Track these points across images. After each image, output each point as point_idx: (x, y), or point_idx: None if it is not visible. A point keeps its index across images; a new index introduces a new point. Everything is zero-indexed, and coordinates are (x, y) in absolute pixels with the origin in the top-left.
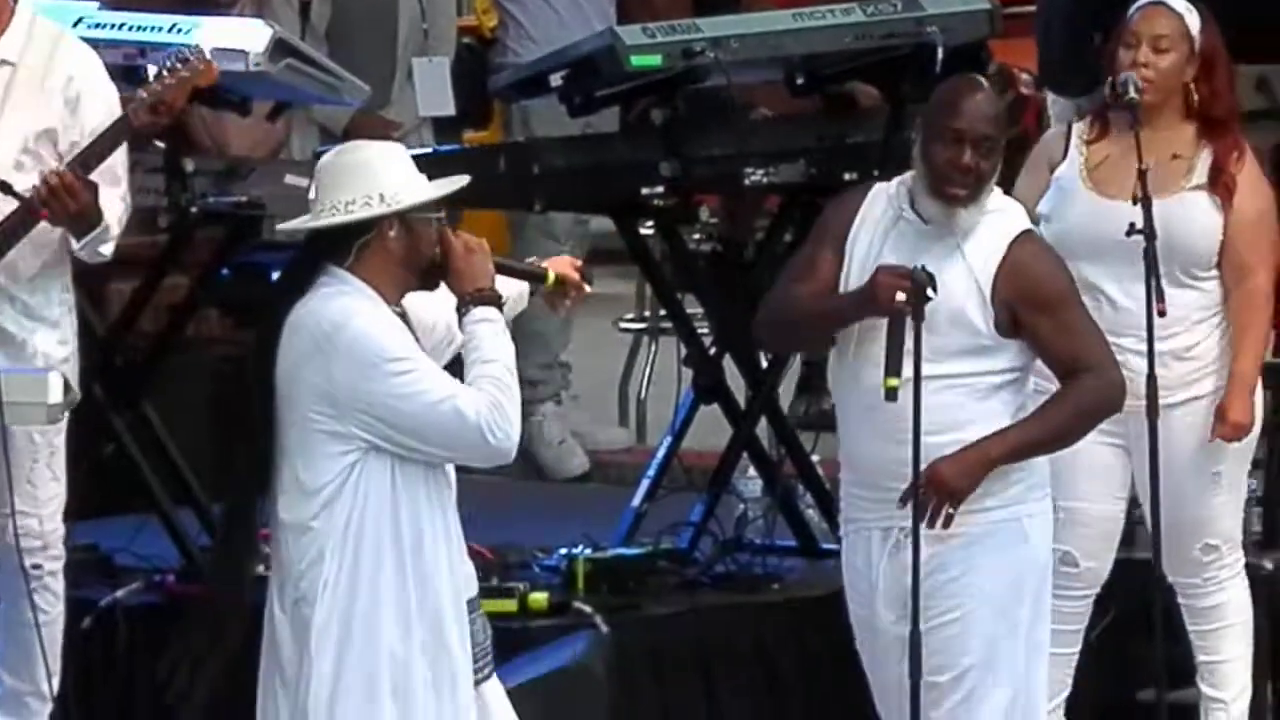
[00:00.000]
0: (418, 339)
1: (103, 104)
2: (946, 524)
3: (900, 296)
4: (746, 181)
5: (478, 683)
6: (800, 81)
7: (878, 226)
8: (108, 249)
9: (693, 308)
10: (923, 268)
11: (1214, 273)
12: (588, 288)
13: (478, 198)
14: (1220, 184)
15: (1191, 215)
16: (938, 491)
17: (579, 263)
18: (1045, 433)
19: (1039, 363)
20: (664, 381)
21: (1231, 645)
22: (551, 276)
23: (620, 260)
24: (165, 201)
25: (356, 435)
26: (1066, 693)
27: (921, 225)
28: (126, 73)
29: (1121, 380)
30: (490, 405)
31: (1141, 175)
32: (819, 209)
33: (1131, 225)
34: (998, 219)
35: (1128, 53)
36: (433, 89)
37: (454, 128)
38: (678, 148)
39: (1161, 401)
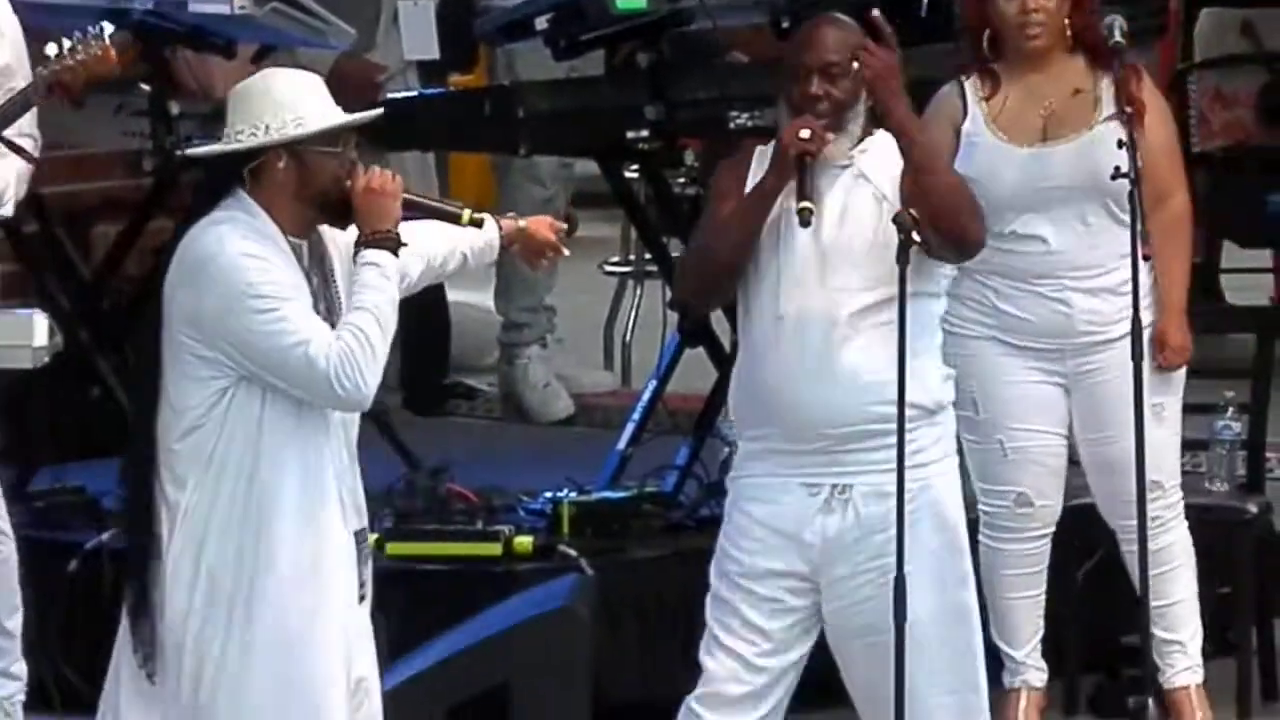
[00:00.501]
0: (323, 273)
1: (9, 45)
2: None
3: (804, 133)
4: (731, 125)
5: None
6: (785, 25)
7: None
8: (6, 210)
9: (677, 251)
10: (908, 211)
11: None
12: (565, 251)
13: (462, 141)
14: (1135, 111)
15: (1110, 149)
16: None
17: (561, 225)
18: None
19: None
20: (649, 325)
21: (1182, 587)
22: (466, 216)
23: (605, 204)
24: (150, 145)
25: (223, 363)
26: (1040, 634)
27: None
28: (113, 15)
29: None
30: (341, 354)
31: (1126, 117)
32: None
33: (1116, 169)
34: (889, 145)
35: (1010, 3)
36: (418, 32)
37: (439, 71)
38: (663, 91)
39: (1098, 337)
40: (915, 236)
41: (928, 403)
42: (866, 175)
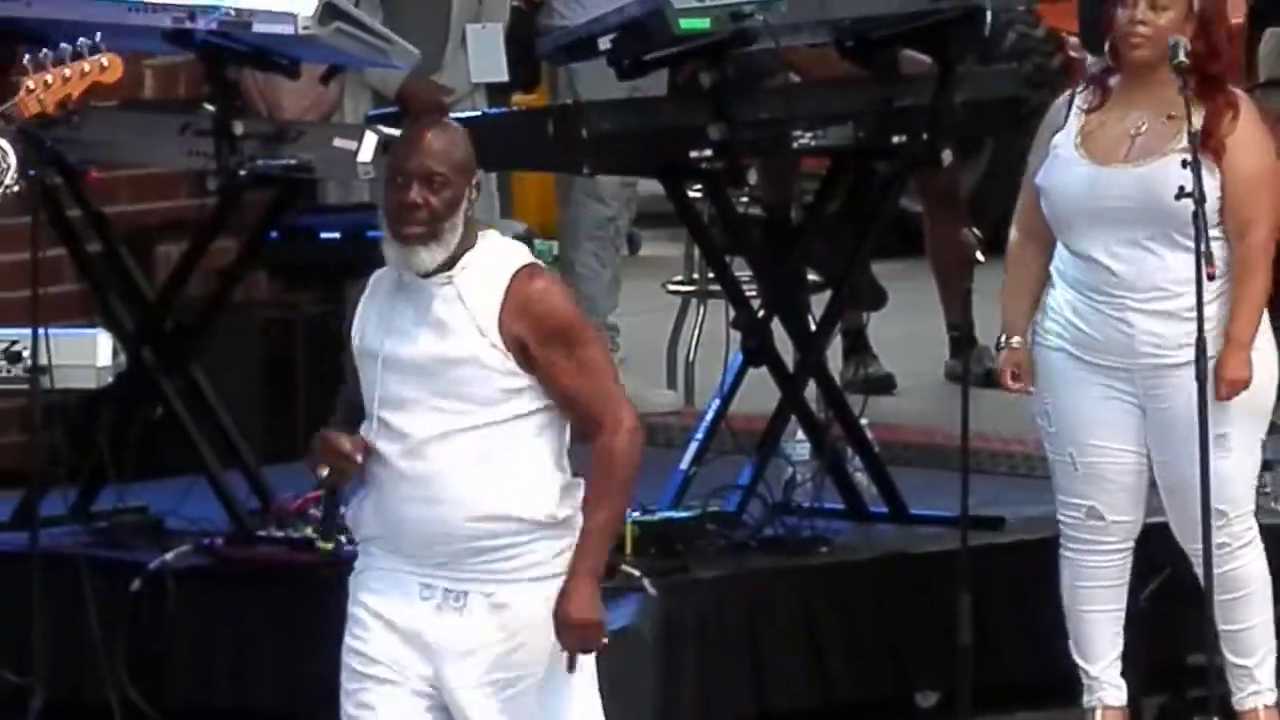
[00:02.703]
0: None
1: None
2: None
3: (323, 471)
4: (795, 145)
5: None
6: (850, 45)
7: (385, 300)
8: None
9: (741, 270)
10: (971, 230)
11: (1215, 233)
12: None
13: (526, 160)
14: (1209, 146)
15: (1175, 178)
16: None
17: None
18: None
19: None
20: (712, 344)
21: (1250, 613)
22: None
23: (668, 223)
24: (214, 164)
25: None
26: (1119, 651)
27: (420, 281)
28: (176, 36)
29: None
30: None
31: (1191, 137)
32: (868, 173)
33: (1181, 189)
34: (496, 259)
35: (1125, 11)
36: (486, 55)
37: (503, 91)
38: (725, 111)
39: (1165, 361)
40: (979, 256)
41: (540, 516)
42: (463, 298)
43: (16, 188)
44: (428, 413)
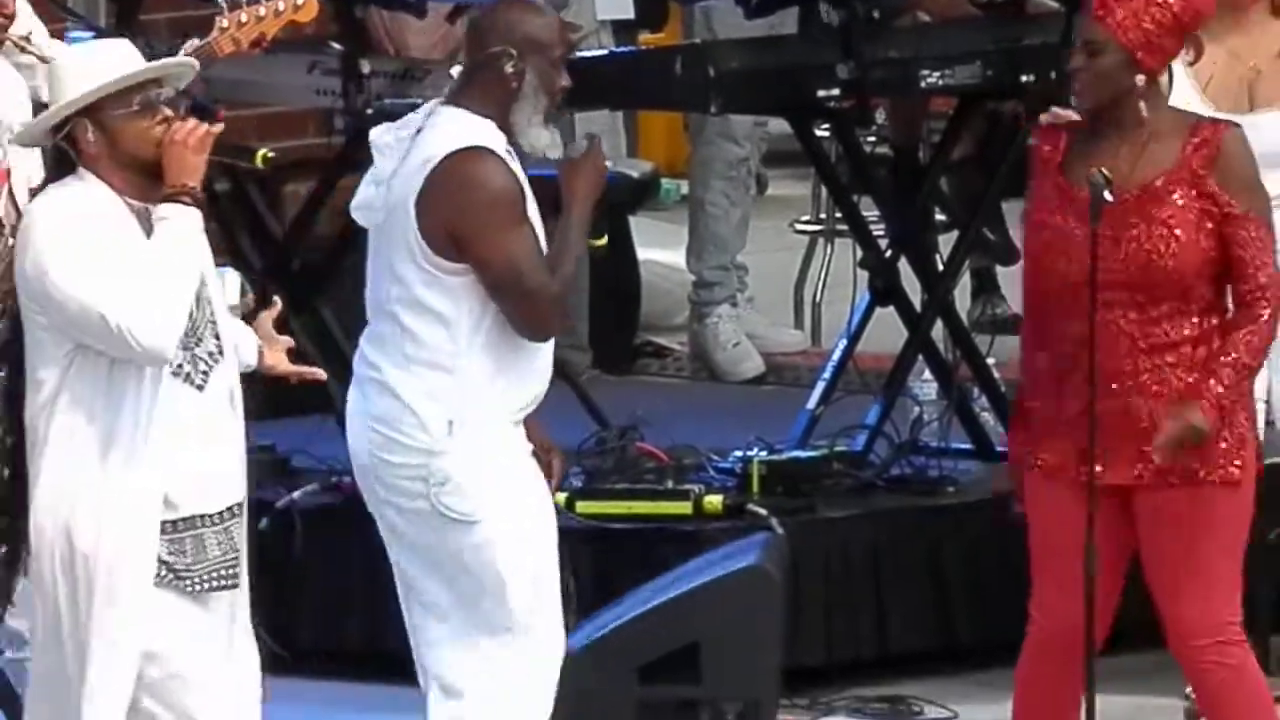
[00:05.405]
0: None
1: None
2: None
3: None
4: (923, 84)
5: (215, 589)
6: None
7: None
8: None
9: (868, 210)
10: (1100, 170)
11: None
12: (314, 373)
13: (653, 99)
14: None
15: None
16: None
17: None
18: None
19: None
20: (839, 284)
21: None
22: (260, 155)
23: (796, 162)
24: (341, 103)
25: (57, 328)
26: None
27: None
28: None
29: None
30: (131, 314)
31: None
32: (995, 113)
33: None
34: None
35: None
36: None
37: (630, 30)
38: (854, 50)
39: None
40: (1108, 196)
41: None
42: None
43: None
44: None
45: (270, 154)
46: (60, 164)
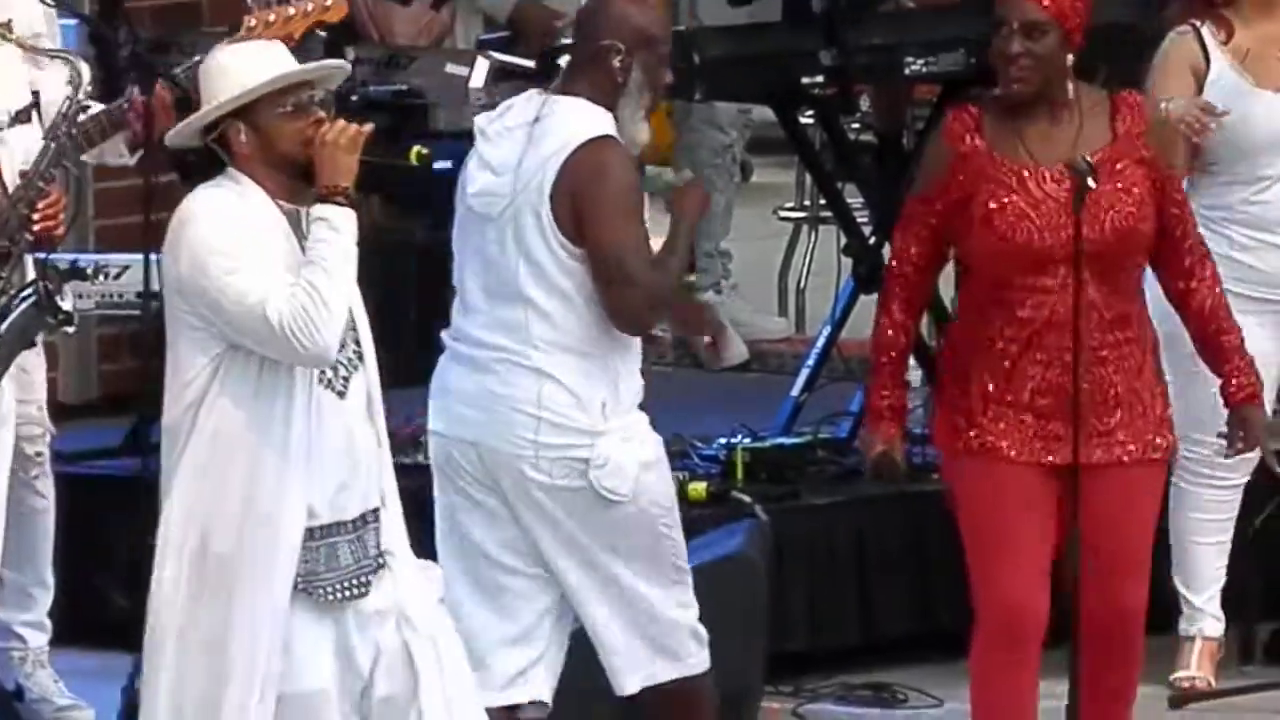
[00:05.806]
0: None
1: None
2: None
3: None
4: (907, 71)
5: (346, 599)
6: None
7: None
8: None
9: (852, 197)
10: (1083, 157)
11: None
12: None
13: None
14: None
15: None
16: None
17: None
18: None
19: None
20: (823, 271)
21: None
22: (414, 153)
23: (780, 149)
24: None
25: (211, 329)
26: (1221, 583)
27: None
28: None
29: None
30: (295, 313)
31: None
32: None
33: None
34: None
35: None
36: None
37: None
38: (837, 37)
39: None
40: (1090, 183)
41: None
42: None
43: (91, 104)
44: None
45: (425, 151)
46: (201, 165)
